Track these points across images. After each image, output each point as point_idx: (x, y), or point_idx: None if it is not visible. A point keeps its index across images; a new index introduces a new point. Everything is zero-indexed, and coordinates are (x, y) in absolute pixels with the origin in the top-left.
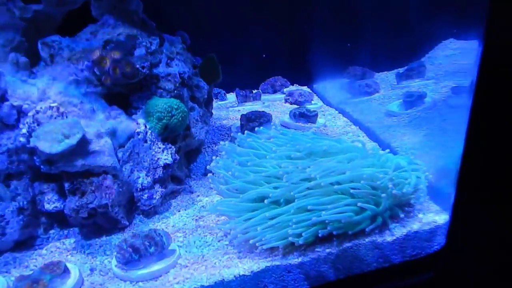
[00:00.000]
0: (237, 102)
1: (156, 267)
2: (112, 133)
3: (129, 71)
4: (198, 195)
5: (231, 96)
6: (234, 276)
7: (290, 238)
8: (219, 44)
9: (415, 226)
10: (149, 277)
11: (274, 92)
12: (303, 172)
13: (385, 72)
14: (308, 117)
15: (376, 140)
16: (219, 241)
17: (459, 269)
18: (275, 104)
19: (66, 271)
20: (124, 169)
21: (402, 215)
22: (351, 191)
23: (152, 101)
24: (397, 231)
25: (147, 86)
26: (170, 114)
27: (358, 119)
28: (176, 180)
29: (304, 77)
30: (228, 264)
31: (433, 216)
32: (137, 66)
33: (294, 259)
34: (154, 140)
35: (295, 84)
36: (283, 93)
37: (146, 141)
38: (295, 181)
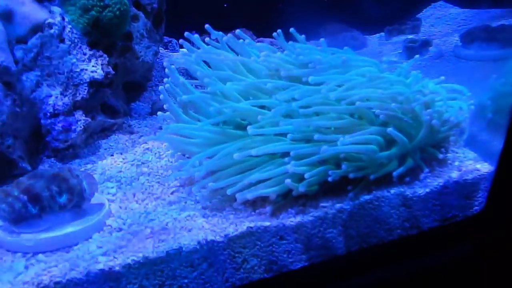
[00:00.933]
0: None
1: (69, 228)
2: (5, 16)
3: None
4: (141, 136)
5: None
6: (198, 243)
7: (286, 182)
8: None
9: (453, 175)
10: (56, 245)
11: None
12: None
13: (366, 36)
14: None
15: None
16: (172, 193)
17: (502, 239)
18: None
19: None
20: (25, 79)
21: (441, 156)
22: (377, 112)
23: None
24: (431, 182)
25: None
26: (102, 4)
27: None
28: (109, 111)
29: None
30: (188, 226)
31: (474, 164)
32: None
33: (290, 219)
34: (76, 41)
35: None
36: None
37: (63, 41)
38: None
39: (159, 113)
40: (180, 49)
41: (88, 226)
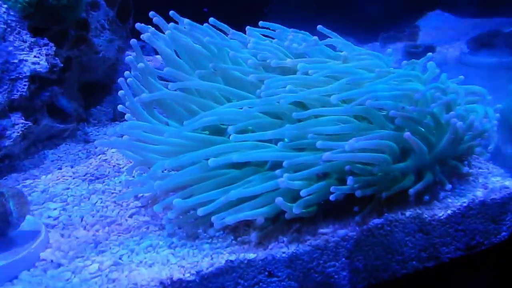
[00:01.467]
0: None
1: None
2: None
3: None
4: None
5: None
6: (161, 284)
7: (277, 201)
8: None
9: (479, 193)
10: None
11: None
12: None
13: (360, 45)
14: None
15: None
16: (131, 216)
17: None
18: None
19: None
20: None
21: (465, 170)
22: (391, 113)
23: None
24: (452, 202)
25: None
26: None
27: None
28: (59, 114)
29: None
30: (148, 259)
31: (501, 181)
32: None
33: (281, 249)
34: (13, 25)
35: None
36: None
37: None
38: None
39: (119, 106)
40: (156, 56)
41: (14, 261)
